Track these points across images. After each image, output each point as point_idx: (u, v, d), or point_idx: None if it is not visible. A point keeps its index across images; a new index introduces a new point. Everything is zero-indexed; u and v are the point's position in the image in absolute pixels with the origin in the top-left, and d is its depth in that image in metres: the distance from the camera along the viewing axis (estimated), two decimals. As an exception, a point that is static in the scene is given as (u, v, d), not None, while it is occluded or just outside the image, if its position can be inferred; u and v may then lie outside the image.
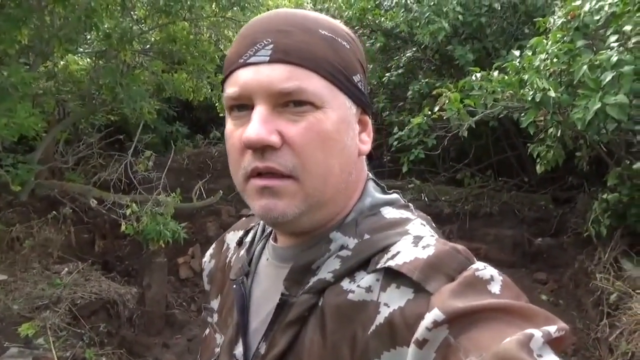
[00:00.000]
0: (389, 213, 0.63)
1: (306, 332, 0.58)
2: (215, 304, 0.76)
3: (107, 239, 5.02)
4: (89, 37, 4.63)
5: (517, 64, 3.32)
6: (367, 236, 0.60)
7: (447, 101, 3.20)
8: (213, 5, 4.42)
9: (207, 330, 0.75)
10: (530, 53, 3.27)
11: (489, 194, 5.52)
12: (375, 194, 0.66)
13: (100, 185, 4.73)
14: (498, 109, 3.38)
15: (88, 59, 5.17)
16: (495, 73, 3.38)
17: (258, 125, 0.55)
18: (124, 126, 5.76)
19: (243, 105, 0.58)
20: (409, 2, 5.02)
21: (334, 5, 5.94)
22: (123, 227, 3.89)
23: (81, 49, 4.99)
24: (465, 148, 5.84)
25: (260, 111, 0.56)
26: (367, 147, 0.64)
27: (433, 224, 0.67)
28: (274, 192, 0.57)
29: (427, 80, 5.26)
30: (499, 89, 3.33)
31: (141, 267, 4.73)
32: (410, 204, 0.68)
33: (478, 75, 3.38)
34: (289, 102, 0.56)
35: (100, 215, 4.56)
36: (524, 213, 5.31)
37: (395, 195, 0.67)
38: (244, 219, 0.83)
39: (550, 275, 4.71)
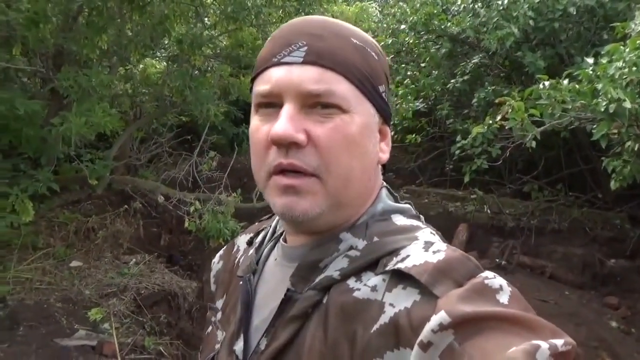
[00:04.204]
0: (399, 220, 0.64)
1: (308, 328, 0.58)
2: (220, 303, 0.77)
3: (172, 234, 5.28)
4: (166, 42, 4.91)
5: (590, 72, 3.12)
6: (376, 239, 0.60)
7: (510, 110, 3.06)
8: (280, 12, 4.55)
9: (210, 328, 0.76)
10: (605, 61, 3.06)
11: (558, 209, 5.22)
12: (388, 201, 0.66)
13: (169, 182, 4.99)
14: (567, 119, 3.19)
15: (164, 63, 5.49)
16: (565, 81, 3.19)
17: (286, 122, 0.56)
18: (194, 127, 6.05)
19: (272, 103, 0.59)
20: (476, 7, 4.87)
21: (399, 10, 5.89)
22: (186, 224, 4.08)
23: (158, 54, 5.32)
24: (534, 159, 5.56)
25: (288, 109, 0.57)
26: (385, 156, 0.66)
27: (443, 237, 0.65)
28: (297, 191, 0.58)
29: (494, 87, 5.06)
30: (569, 99, 3.14)
31: (202, 263, 4.93)
32: (421, 216, 0.67)
33: (546, 83, 3.21)
34: (317, 104, 0.58)
35: (168, 211, 4.81)
36: (596, 231, 4.96)
37: (407, 205, 0.68)
38: (256, 223, 0.84)
39: (623, 301, 4.36)
